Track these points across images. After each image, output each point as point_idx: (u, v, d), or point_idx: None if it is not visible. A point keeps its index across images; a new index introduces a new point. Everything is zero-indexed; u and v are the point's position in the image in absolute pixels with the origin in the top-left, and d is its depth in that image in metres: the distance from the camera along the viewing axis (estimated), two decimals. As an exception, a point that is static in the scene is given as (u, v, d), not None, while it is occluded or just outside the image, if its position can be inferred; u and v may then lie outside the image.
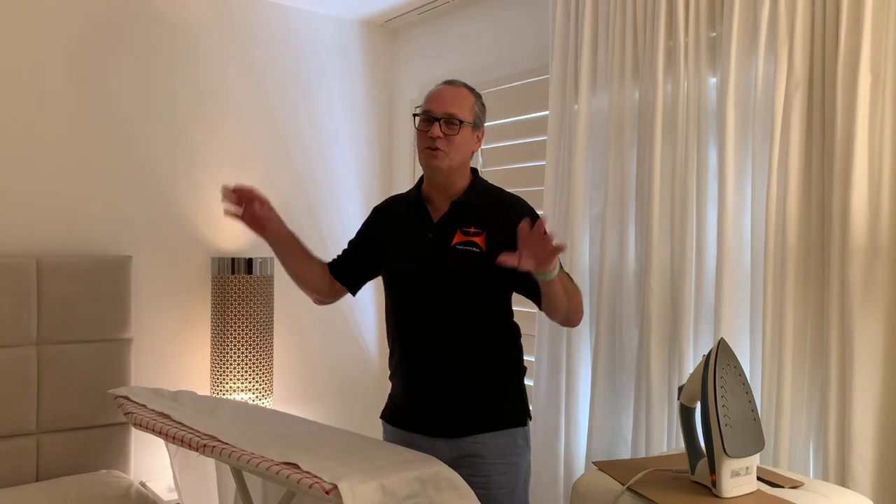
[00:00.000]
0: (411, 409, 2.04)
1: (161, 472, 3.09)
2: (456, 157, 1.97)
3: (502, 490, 1.99)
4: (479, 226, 1.98)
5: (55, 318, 2.76)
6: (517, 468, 2.03)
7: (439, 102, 1.97)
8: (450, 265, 1.97)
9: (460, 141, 1.97)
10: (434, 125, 1.94)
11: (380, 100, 3.81)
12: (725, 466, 1.55)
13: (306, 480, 1.56)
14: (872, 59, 1.90)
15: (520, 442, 2.05)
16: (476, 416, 1.98)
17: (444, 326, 1.99)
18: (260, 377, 3.14)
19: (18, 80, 2.85)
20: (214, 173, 3.30)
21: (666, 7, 2.35)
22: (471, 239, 1.97)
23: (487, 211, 2.01)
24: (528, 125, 3.08)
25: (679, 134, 2.34)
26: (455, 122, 1.95)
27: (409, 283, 2.04)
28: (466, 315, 1.99)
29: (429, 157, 1.96)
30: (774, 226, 2.08)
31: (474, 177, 2.07)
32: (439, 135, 1.93)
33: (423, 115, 1.98)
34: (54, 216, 2.92)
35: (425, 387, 2.01)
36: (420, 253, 2.01)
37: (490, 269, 1.93)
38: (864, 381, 1.89)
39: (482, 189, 2.06)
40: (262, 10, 3.43)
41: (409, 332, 2.05)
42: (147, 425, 2.04)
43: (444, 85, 2.02)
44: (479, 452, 1.98)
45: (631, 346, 2.49)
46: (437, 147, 1.94)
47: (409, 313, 2.05)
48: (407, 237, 2.05)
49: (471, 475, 1.92)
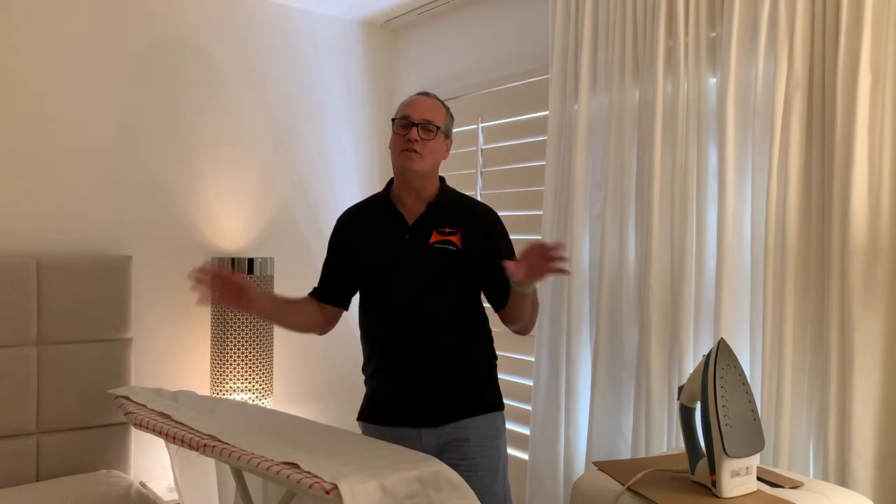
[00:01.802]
0: (396, 404, 2.11)
1: (161, 472, 3.09)
2: (430, 160, 2.07)
3: (487, 471, 2.10)
4: (453, 225, 2.10)
5: (55, 318, 2.76)
6: (498, 451, 2.14)
7: (417, 109, 2.08)
8: (429, 263, 2.07)
9: (434, 146, 2.08)
10: (412, 129, 2.05)
11: (380, 100, 3.81)
12: (725, 466, 1.55)
13: (306, 480, 1.56)
14: (872, 59, 1.90)
15: (499, 425, 2.17)
16: (459, 403, 2.09)
17: (425, 322, 2.08)
18: (260, 377, 3.14)
19: (18, 80, 2.85)
20: (214, 173, 3.30)
21: (666, 7, 2.35)
22: (447, 238, 2.09)
23: (460, 213, 2.13)
24: (528, 125, 3.08)
25: (679, 134, 2.34)
26: (432, 127, 2.06)
27: (389, 283, 2.10)
28: (445, 310, 2.09)
29: (405, 159, 2.06)
30: (774, 226, 2.08)
31: (442, 183, 2.17)
32: (417, 138, 2.04)
33: (401, 121, 2.08)
34: (54, 216, 2.92)
35: (410, 381, 2.09)
36: (398, 253, 2.10)
37: (466, 266, 2.08)
38: (864, 381, 1.89)
39: (452, 193, 2.18)
40: (262, 10, 3.43)
41: (391, 331, 2.12)
42: (147, 425, 2.05)
43: (420, 95, 2.14)
44: (465, 436, 2.08)
45: (631, 346, 2.49)
46: (414, 149, 2.04)
47: (389, 313, 2.11)
48: (383, 240, 2.12)
49: (458, 459, 2.05)
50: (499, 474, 2.13)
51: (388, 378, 2.14)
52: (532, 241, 1.90)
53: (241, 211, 3.38)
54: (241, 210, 3.37)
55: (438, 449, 2.06)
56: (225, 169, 3.33)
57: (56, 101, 2.92)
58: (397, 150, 2.08)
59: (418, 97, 2.13)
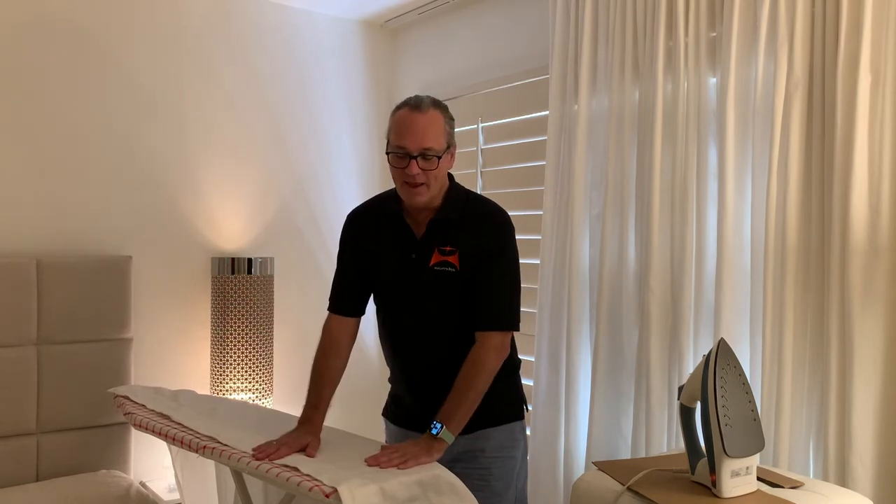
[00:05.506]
0: (414, 411, 2.05)
1: (161, 472, 3.09)
2: (435, 187, 1.92)
3: (501, 482, 2.03)
4: (454, 243, 1.96)
5: (55, 318, 2.76)
6: (514, 460, 2.07)
7: (414, 137, 1.86)
8: (430, 287, 1.97)
9: (438, 172, 1.90)
10: (411, 163, 1.86)
11: (380, 100, 3.80)
12: (725, 466, 1.56)
13: (306, 483, 1.56)
14: (872, 59, 1.90)
15: (517, 435, 2.09)
16: (476, 415, 1.94)
17: (434, 338, 2.01)
18: (260, 377, 3.14)
19: (18, 81, 2.85)
20: (214, 173, 3.29)
21: (666, 7, 2.35)
22: (446, 259, 1.96)
23: (462, 225, 1.98)
24: (528, 125, 3.08)
25: (679, 134, 2.33)
26: (431, 156, 1.87)
27: (396, 300, 2.04)
28: (454, 326, 1.98)
29: (409, 194, 1.91)
30: (774, 226, 2.08)
31: (451, 185, 2.02)
32: (418, 171, 1.86)
33: (397, 152, 1.88)
34: (54, 216, 2.92)
35: (425, 391, 2.02)
36: (404, 274, 2.00)
37: (464, 286, 1.95)
38: (864, 381, 1.89)
39: (458, 200, 2.01)
40: (262, 9, 3.42)
41: (402, 344, 2.07)
42: (146, 426, 2.04)
43: (411, 111, 1.89)
44: (480, 447, 2.01)
45: (631, 346, 2.49)
46: (416, 183, 1.88)
47: (399, 327, 2.07)
48: (391, 257, 2.02)
49: (472, 468, 1.98)
50: (512, 483, 2.05)
51: (405, 386, 2.10)
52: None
53: (241, 211, 3.38)
54: (241, 210, 3.37)
55: (453, 458, 1.96)
56: (225, 169, 3.32)
57: (57, 101, 2.92)
58: (398, 181, 1.92)
59: (411, 117, 1.88)
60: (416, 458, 1.74)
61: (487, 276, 1.95)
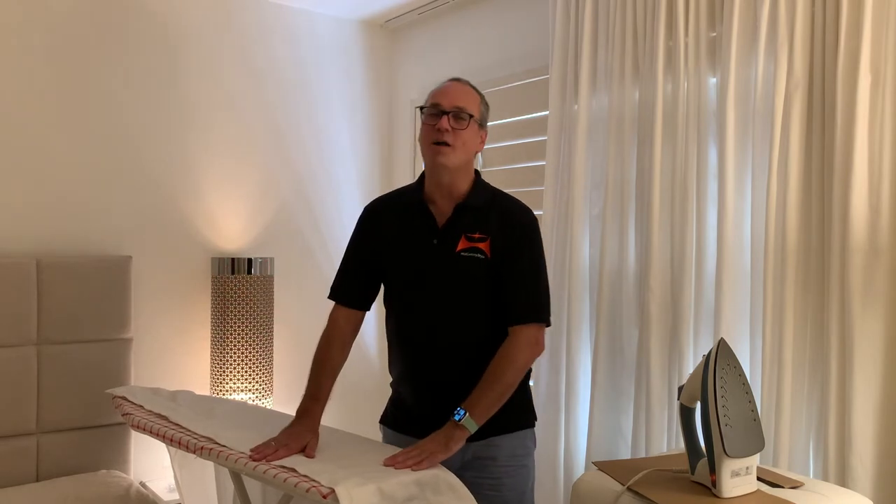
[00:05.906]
0: (423, 417, 1.92)
1: (161, 472, 3.09)
2: (462, 154, 1.90)
3: (513, 491, 1.96)
4: (483, 231, 1.92)
5: (55, 318, 2.76)
6: (526, 469, 2.00)
7: (448, 96, 1.91)
8: (455, 273, 1.91)
9: (468, 137, 1.90)
10: (442, 118, 1.87)
11: (380, 100, 3.80)
12: (725, 466, 1.55)
13: (304, 484, 1.55)
14: (872, 59, 1.90)
15: (528, 444, 2.03)
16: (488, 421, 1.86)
17: (454, 335, 1.93)
18: (260, 377, 3.14)
19: (18, 81, 2.85)
20: (214, 173, 3.29)
21: (666, 7, 2.35)
22: (475, 245, 1.91)
23: (490, 215, 1.94)
24: (528, 125, 3.08)
25: (679, 134, 2.33)
26: (464, 115, 1.89)
27: (414, 292, 1.96)
28: (475, 322, 1.93)
29: (435, 153, 1.88)
30: (774, 226, 2.08)
31: (477, 178, 2.00)
32: (447, 127, 1.86)
33: (430, 109, 1.91)
34: (54, 216, 2.92)
35: (437, 395, 1.92)
36: (425, 262, 1.94)
37: (493, 276, 1.91)
38: (864, 381, 1.88)
39: (485, 191, 1.99)
40: (262, 10, 3.42)
41: (418, 342, 1.97)
42: (145, 427, 2.03)
43: (452, 81, 1.97)
44: (491, 455, 1.95)
45: (631, 346, 2.49)
46: (444, 141, 1.87)
47: (416, 323, 1.98)
48: (410, 243, 1.97)
49: (482, 477, 1.92)
50: (526, 493, 1.99)
51: (414, 390, 2.00)
52: None
53: (241, 211, 3.38)
54: (241, 210, 3.37)
55: (463, 465, 1.90)
56: (225, 169, 3.32)
57: (57, 101, 2.92)
58: (427, 142, 1.90)
59: (450, 83, 1.95)
60: (432, 456, 1.71)
61: (521, 267, 1.91)
